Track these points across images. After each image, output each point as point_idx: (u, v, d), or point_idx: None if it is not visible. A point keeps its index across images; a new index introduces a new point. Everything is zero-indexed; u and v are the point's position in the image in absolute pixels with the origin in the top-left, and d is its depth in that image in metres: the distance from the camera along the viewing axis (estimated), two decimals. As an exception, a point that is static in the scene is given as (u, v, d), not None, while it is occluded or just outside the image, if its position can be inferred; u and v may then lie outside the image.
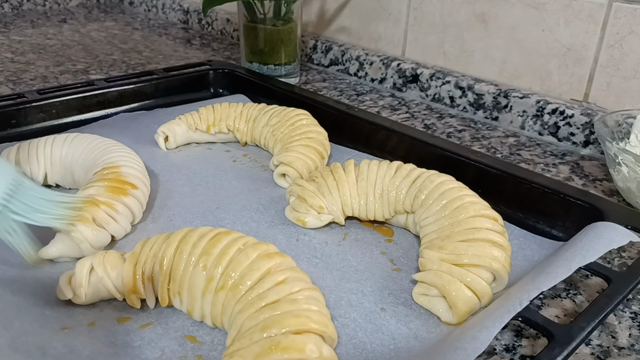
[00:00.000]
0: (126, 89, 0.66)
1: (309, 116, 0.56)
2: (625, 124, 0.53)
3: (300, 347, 0.27)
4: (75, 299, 0.34)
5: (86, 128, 0.59)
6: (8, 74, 0.81)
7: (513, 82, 0.69)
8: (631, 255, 0.43)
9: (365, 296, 0.37)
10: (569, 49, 0.63)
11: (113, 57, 0.93)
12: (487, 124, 0.69)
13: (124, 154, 0.46)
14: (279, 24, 0.76)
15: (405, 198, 0.42)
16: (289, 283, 0.31)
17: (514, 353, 0.33)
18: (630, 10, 0.57)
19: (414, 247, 0.43)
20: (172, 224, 0.44)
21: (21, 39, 1.02)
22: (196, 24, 1.15)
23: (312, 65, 0.91)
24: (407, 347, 0.32)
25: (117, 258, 0.35)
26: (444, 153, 0.51)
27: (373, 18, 0.83)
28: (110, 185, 0.42)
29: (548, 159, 0.60)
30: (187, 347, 0.32)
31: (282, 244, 0.42)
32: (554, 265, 0.35)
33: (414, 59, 0.79)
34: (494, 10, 0.69)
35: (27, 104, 0.59)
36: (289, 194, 0.46)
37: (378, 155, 0.55)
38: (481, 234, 0.36)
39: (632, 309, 0.37)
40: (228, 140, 0.59)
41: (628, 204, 0.49)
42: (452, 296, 0.34)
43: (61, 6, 1.33)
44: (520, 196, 0.46)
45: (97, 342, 0.32)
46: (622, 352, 0.34)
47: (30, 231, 0.42)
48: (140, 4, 1.32)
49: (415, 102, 0.76)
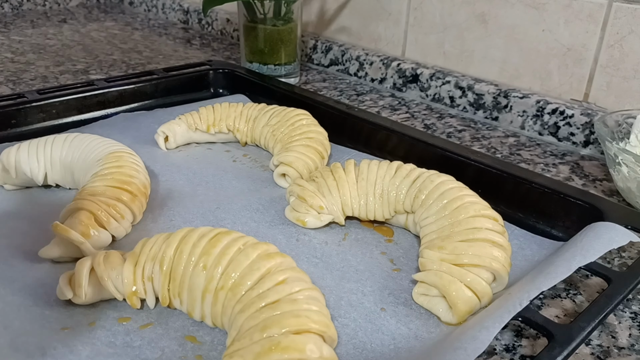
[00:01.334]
0: (126, 89, 0.66)
1: (309, 116, 0.56)
2: (625, 124, 0.53)
3: (301, 347, 0.27)
4: (75, 299, 0.34)
5: (86, 128, 0.59)
6: (8, 74, 0.81)
7: (513, 82, 0.69)
8: (631, 255, 0.43)
9: (365, 296, 0.37)
10: (569, 49, 0.63)
11: (113, 57, 0.93)
12: (487, 124, 0.69)
13: (124, 154, 0.46)
14: (279, 24, 0.76)
15: (405, 198, 0.42)
16: (289, 283, 0.31)
17: (514, 353, 0.33)
18: (630, 10, 0.57)
19: (414, 247, 0.43)
20: (172, 224, 0.44)
21: (21, 39, 1.02)
22: (196, 24, 1.15)
23: (312, 65, 0.91)
24: (407, 347, 0.32)
25: (117, 258, 0.35)
26: (444, 153, 0.51)
27: (373, 18, 0.83)
28: (110, 185, 0.42)
29: (548, 159, 0.60)
30: (187, 347, 0.32)
31: (282, 244, 0.42)
32: (554, 265, 0.35)
33: (414, 59, 0.79)
34: (494, 10, 0.69)
35: (27, 104, 0.59)
36: (289, 194, 0.46)
37: (378, 155, 0.55)
38: (481, 234, 0.36)
39: (632, 309, 0.37)
40: (228, 140, 0.59)
41: (628, 204, 0.49)
42: (452, 296, 0.34)
43: (61, 6, 1.34)
44: (520, 196, 0.46)
45: (97, 342, 0.32)
46: (622, 352, 0.34)
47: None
48: (140, 4, 1.32)
49: (415, 102, 0.76)
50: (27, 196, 0.47)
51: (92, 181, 0.43)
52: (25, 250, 0.40)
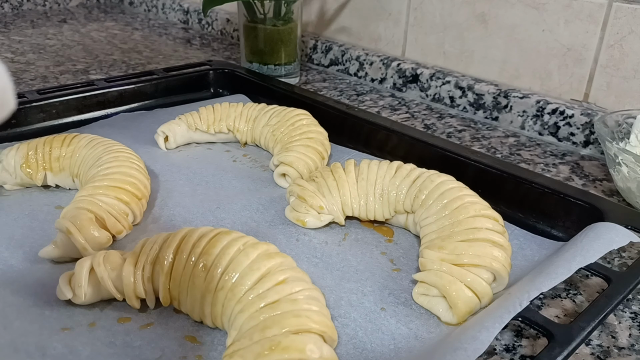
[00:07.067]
0: (126, 89, 0.66)
1: (309, 116, 0.56)
2: (625, 124, 0.53)
3: (301, 347, 0.27)
4: (75, 299, 0.34)
5: (86, 128, 0.59)
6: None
7: (513, 82, 0.69)
8: (631, 255, 0.43)
9: (366, 296, 0.37)
10: (569, 49, 0.63)
11: (113, 57, 0.93)
12: (487, 124, 0.69)
13: (124, 154, 0.46)
14: (279, 24, 0.76)
15: (406, 198, 0.42)
16: (289, 283, 0.31)
17: (514, 353, 0.33)
18: (630, 10, 0.57)
19: (414, 247, 0.43)
20: (172, 224, 0.44)
21: (21, 39, 1.02)
22: (196, 24, 1.15)
23: (312, 65, 0.91)
24: (407, 347, 0.32)
25: (117, 258, 0.35)
26: (444, 153, 0.51)
27: (373, 18, 0.83)
28: (110, 185, 0.42)
29: (548, 159, 0.60)
30: (187, 347, 0.32)
31: (282, 244, 0.42)
32: (554, 266, 0.35)
33: (414, 59, 0.79)
34: (494, 10, 0.68)
35: (27, 104, 0.59)
36: (289, 194, 0.46)
37: (378, 155, 0.55)
38: (481, 234, 0.36)
39: (632, 309, 0.37)
40: (228, 140, 0.59)
41: (628, 204, 0.49)
42: (452, 296, 0.34)
43: (61, 6, 1.33)
44: (520, 196, 0.46)
45: (97, 343, 0.32)
46: (622, 352, 0.34)
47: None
48: (140, 4, 1.32)
49: (415, 102, 0.76)
50: (27, 196, 0.47)
51: (92, 181, 0.43)
52: (25, 250, 0.40)
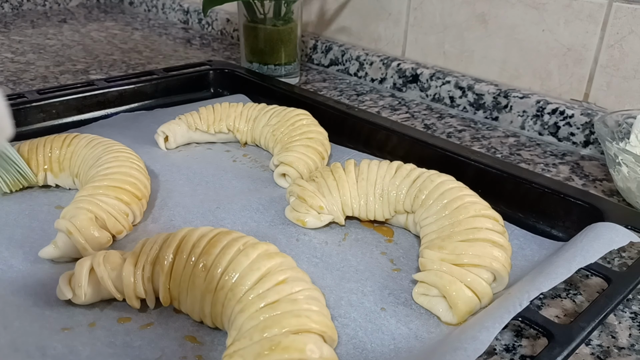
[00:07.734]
0: (126, 89, 0.66)
1: (309, 116, 0.56)
2: (625, 124, 0.53)
3: (301, 347, 0.27)
4: (75, 299, 0.34)
5: (86, 128, 0.59)
6: (8, 74, 0.81)
7: (513, 82, 0.69)
8: (631, 255, 0.43)
9: (366, 296, 0.37)
10: (569, 49, 0.63)
11: (113, 57, 0.93)
12: (487, 124, 0.69)
13: (124, 154, 0.46)
14: (279, 24, 0.76)
15: (406, 198, 0.42)
16: (289, 283, 0.31)
17: (514, 353, 0.33)
18: (630, 10, 0.57)
19: (414, 247, 0.43)
20: (172, 224, 0.44)
21: (21, 39, 1.02)
22: (196, 24, 1.15)
23: (312, 65, 0.91)
24: (407, 347, 0.32)
25: (117, 258, 0.35)
26: (444, 153, 0.51)
27: (373, 18, 0.83)
28: (110, 185, 0.42)
29: (548, 159, 0.60)
30: (187, 347, 0.32)
31: (282, 244, 0.42)
32: (554, 266, 0.35)
33: (414, 59, 0.79)
34: (494, 10, 0.69)
35: (27, 104, 0.59)
36: (289, 194, 0.46)
37: (378, 155, 0.55)
38: (481, 234, 0.36)
39: (632, 309, 0.37)
40: (228, 140, 0.59)
41: (628, 204, 0.49)
42: (452, 296, 0.34)
43: (61, 6, 1.33)
44: (520, 196, 0.46)
45: (97, 343, 0.32)
46: (622, 352, 0.34)
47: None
48: (140, 4, 1.32)
49: (415, 102, 0.76)
50: (27, 196, 0.47)
51: (92, 181, 0.43)
52: (25, 250, 0.40)
